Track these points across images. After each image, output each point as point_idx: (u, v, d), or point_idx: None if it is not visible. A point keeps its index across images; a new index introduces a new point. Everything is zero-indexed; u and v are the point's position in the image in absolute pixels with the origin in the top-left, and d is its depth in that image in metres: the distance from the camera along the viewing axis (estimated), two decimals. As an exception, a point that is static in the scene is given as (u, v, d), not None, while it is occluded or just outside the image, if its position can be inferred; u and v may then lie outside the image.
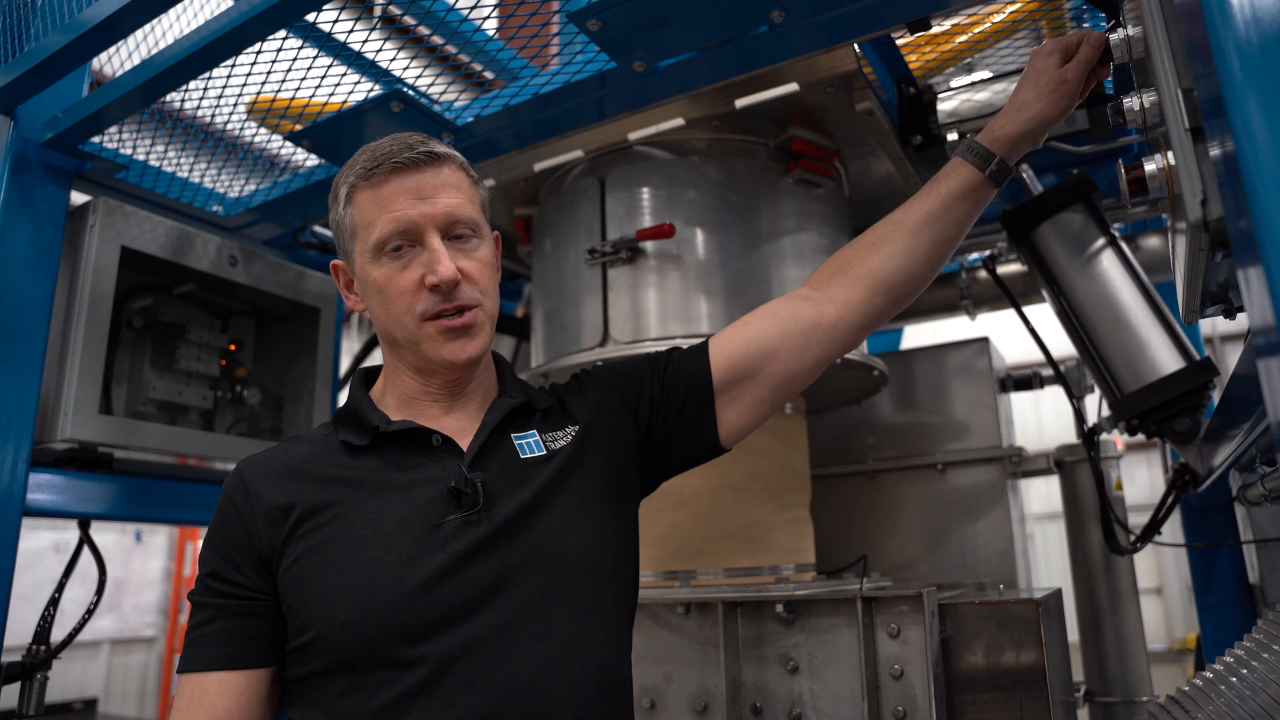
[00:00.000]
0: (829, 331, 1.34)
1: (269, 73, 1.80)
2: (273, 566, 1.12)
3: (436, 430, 1.19)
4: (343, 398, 1.53)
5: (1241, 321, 0.98)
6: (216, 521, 1.17)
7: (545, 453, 1.23)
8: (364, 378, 1.32)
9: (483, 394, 1.28)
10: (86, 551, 2.12)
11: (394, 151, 1.17)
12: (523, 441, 1.23)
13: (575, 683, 1.09)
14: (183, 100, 1.99)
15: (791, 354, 1.32)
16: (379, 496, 1.14)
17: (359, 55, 1.83)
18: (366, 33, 1.81)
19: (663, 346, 1.83)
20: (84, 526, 2.13)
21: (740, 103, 1.80)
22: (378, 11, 2.07)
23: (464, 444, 1.20)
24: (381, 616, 1.05)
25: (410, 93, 1.82)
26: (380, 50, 1.93)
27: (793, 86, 1.74)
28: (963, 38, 2.03)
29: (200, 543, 1.19)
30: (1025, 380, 2.54)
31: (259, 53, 1.71)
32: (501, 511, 1.14)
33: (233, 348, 2.49)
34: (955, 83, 2.01)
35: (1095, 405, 2.07)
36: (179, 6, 1.66)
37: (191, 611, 1.14)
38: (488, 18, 1.90)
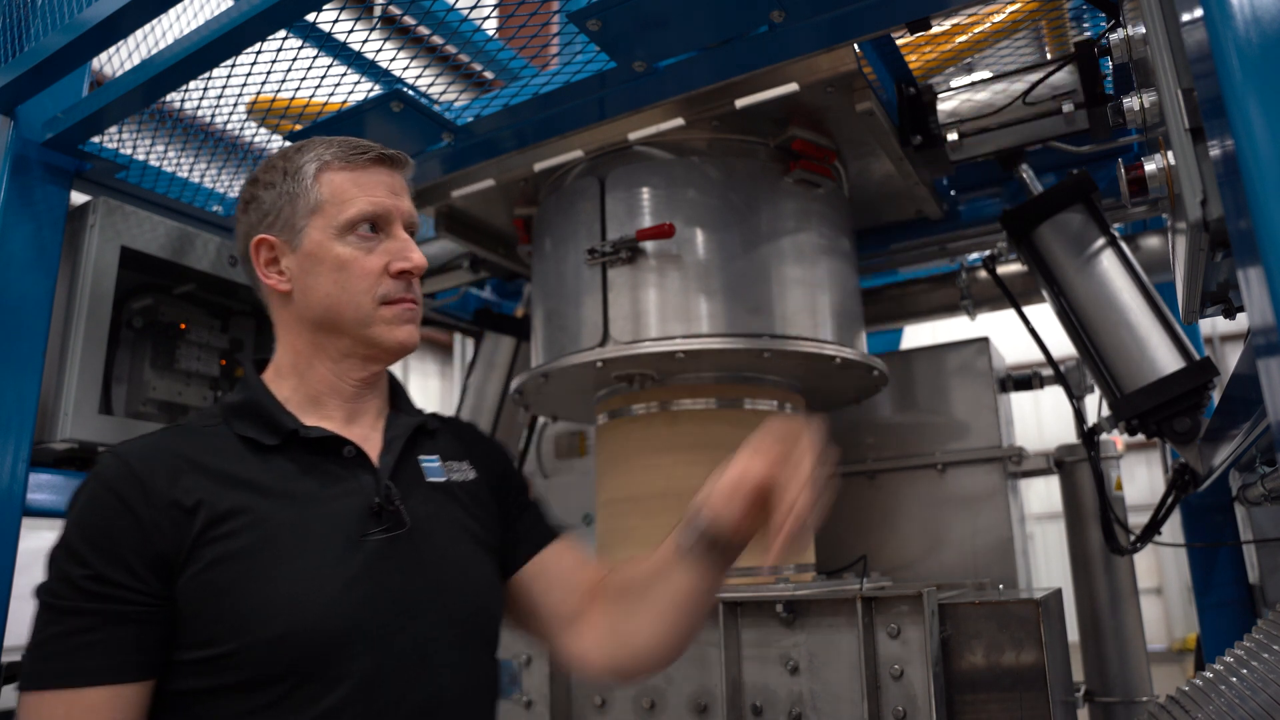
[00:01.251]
0: (572, 650, 1.29)
1: (269, 73, 1.80)
2: (173, 570, 1.03)
3: (350, 441, 1.18)
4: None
5: (1241, 321, 0.98)
6: (96, 517, 1.05)
7: (446, 479, 1.25)
8: (258, 369, 1.26)
9: (377, 407, 1.27)
10: (86, 551, 2.11)
11: (373, 146, 1.22)
12: (428, 465, 1.24)
13: (482, 713, 1.16)
14: (183, 100, 1.99)
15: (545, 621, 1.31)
16: (297, 507, 1.11)
17: (359, 55, 1.83)
18: (366, 33, 1.81)
19: (663, 346, 1.84)
20: (84, 526, 2.12)
21: (740, 103, 1.80)
22: (378, 11, 2.07)
23: (372, 456, 1.19)
24: (314, 633, 1.03)
25: (410, 93, 1.82)
26: (380, 50, 1.93)
27: (793, 86, 1.74)
28: (963, 38, 2.03)
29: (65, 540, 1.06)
30: (1025, 380, 2.54)
31: (259, 53, 1.71)
32: (420, 534, 1.15)
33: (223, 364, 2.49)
34: (955, 83, 2.01)
35: (1095, 405, 2.07)
36: (179, 6, 1.66)
37: (52, 618, 1.01)
38: (488, 18, 1.90)
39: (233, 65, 1.74)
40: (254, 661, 1.01)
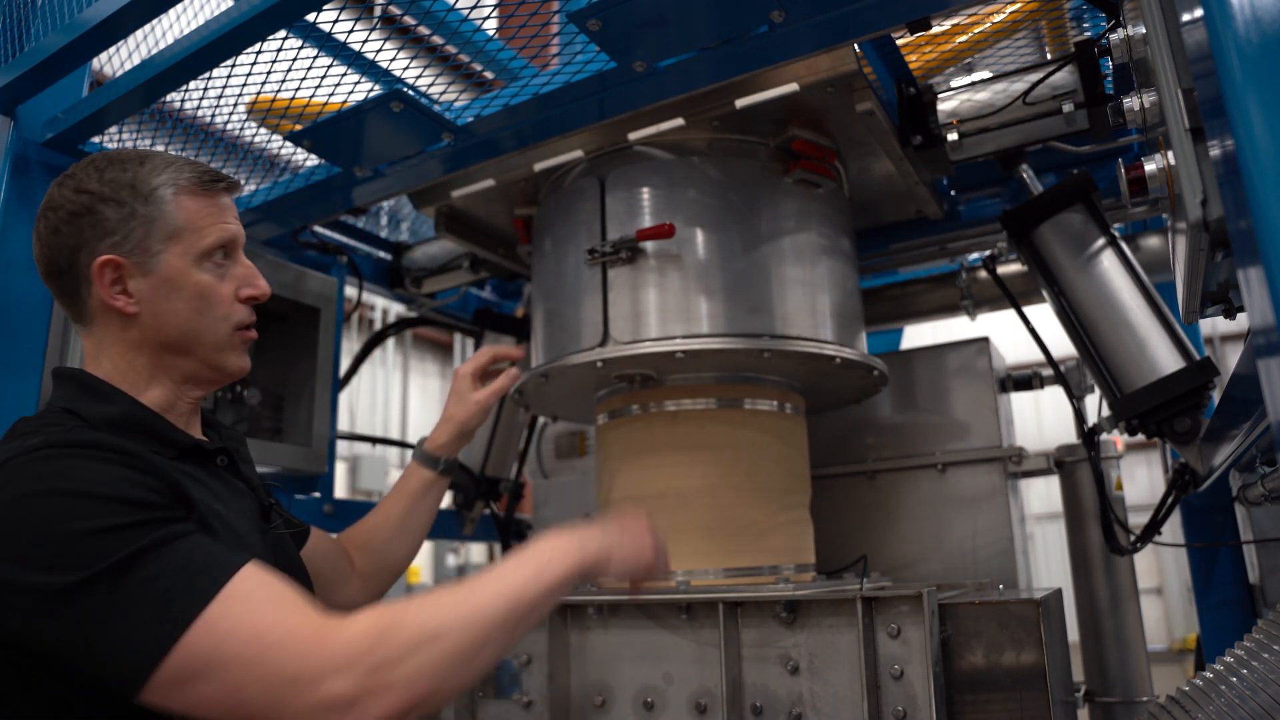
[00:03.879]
0: (349, 596, 1.59)
1: (269, 73, 1.80)
2: None
3: (224, 451, 1.26)
4: (343, 400, 1.58)
5: (1241, 321, 0.98)
6: (127, 469, 1.00)
7: (262, 480, 1.36)
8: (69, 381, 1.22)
9: (196, 421, 1.32)
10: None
11: (221, 173, 1.25)
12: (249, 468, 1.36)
13: None
14: (183, 100, 1.99)
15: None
16: (220, 506, 1.16)
17: (359, 55, 1.83)
18: (366, 33, 1.81)
19: (663, 346, 1.84)
20: (84, 526, 2.12)
21: (740, 103, 1.80)
22: (378, 11, 2.07)
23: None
24: None
25: (410, 93, 1.82)
26: (380, 50, 1.93)
27: (793, 86, 1.74)
28: (963, 38, 2.03)
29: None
30: (1025, 380, 2.54)
31: (259, 53, 1.71)
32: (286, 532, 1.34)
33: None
34: (955, 83, 2.01)
35: (1095, 405, 2.07)
36: (179, 6, 1.66)
37: (151, 553, 0.93)
38: (488, 18, 1.90)
39: (233, 65, 1.74)
40: None
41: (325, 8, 1.57)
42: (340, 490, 7.14)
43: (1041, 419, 12.75)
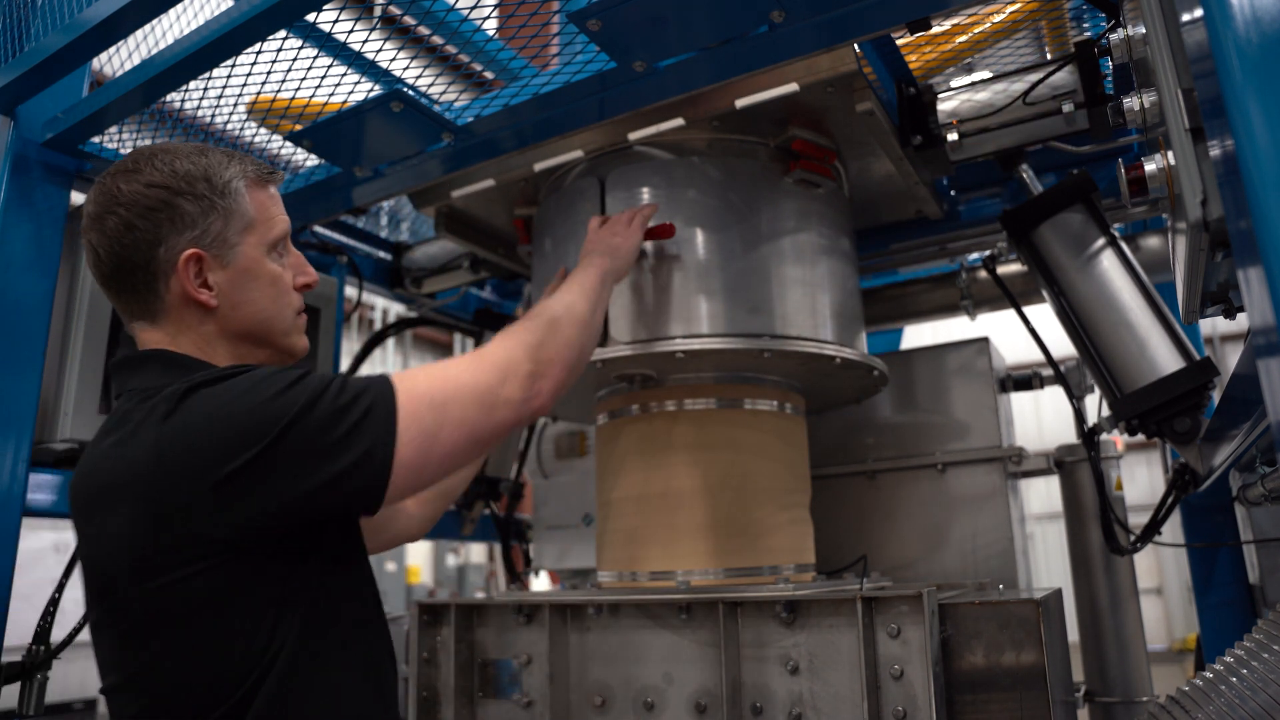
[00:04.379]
0: (404, 535, 1.71)
1: (269, 73, 1.80)
2: None
3: None
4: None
5: (1241, 321, 0.98)
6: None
7: None
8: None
9: None
10: (86, 551, 2.11)
11: (272, 166, 1.33)
12: None
13: None
14: (183, 100, 1.99)
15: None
16: None
17: (359, 55, 1.83)
18: (366, 33, 1.81)
19: (663, 346, 1.84)
20: (84, 526, 2.12)
21: (740, 103, 1.80)
22: (378, 11, 2.07)
23: None
24: None
25: (410, 93, 1.82)
26: (380, 50, 1.93)
27: (793, 86, 1.74)
28: (963, 38, 2.03)
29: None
30: (1025, 380, 2.54)
31: (259, 53, 1.71)
32: None
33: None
34: (955, 83, 2.01)
35: (1095, 405, 2.07)
36: (179, 6, 1.66)
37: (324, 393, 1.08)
38: (488, 18, 1.90)
39: (233, 65, 1.74)
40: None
41: (325, 8, 1.57)
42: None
43: (1041, 419, 12.75)
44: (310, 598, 1.10)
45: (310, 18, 1.66)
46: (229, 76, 1.80)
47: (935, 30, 1.96)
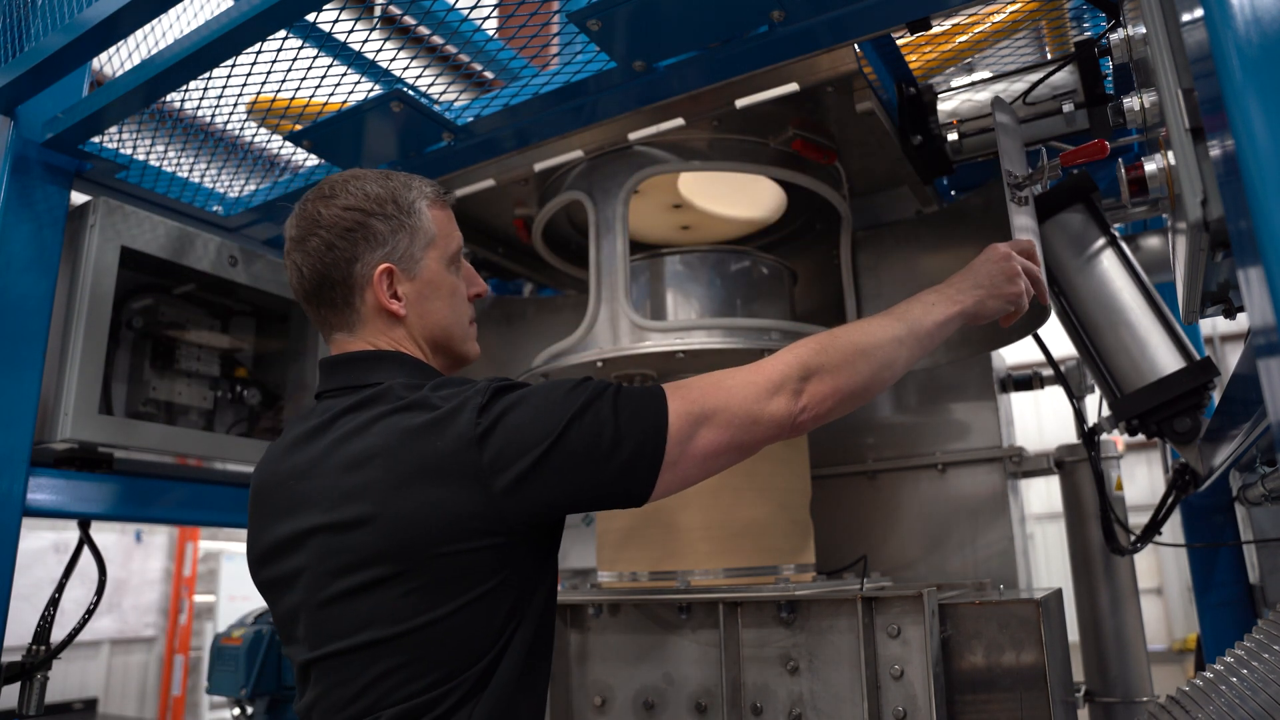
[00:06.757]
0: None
1: (269, 73, 1.80)
2: None
3: None
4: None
5: (1241, 321, 0.98)
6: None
7: None
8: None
9: None
10: (86, 551, 2.11)
11: (444, 187, 1.40)
12: None
13: None
14: (183, 100, 1.99)
15: None
16: None
17: (359, 55, 1.83)
18: (366, 33, 1.81)
19: (663, 346, 1.84)
20: (84, 527, 2.12)
21: (740, 103, 1.80)
22: (378, 11, 2.07)
23: None
24: None
25: (410, 93, 1.82)
26: (380, 50, 1.93)
27: (793, 86, 1.74)
28: (963, 38, 2.03)
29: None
30: (1025, 380, 2.54)
31: (259, 53, 1.71)
32: None
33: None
34: (955, 83, 2.01)
35: (1095, 405, 2.07)
36: (179, 6, 1.66)
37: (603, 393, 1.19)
38: (488, 18, 1.90)
39: (233, 65, 1.74)
40: None
41: (325, 8, 1.57)
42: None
43: (1041, 419, 12.73)
44: (539, 585, 1.23)
45: (310, 18, 1.66)
46: (229, 76, 1.80)
47: (935, 30, 1.96)
